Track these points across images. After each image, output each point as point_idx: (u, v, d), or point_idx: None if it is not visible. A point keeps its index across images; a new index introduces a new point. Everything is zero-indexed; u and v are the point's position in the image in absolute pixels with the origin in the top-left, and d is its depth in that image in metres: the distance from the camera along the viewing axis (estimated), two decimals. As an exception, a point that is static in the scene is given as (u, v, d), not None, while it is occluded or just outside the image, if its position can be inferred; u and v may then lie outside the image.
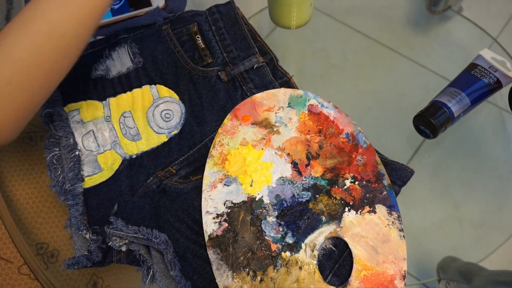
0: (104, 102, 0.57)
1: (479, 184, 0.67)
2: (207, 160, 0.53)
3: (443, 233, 0.65)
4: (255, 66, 0.58)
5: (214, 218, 0.50)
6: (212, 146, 0.54)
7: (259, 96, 0.56)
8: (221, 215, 0.50)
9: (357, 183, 0.51)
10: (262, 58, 0.59)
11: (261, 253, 0.48)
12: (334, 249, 0.49)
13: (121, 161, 0.54)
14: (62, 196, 0.52)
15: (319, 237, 0.49)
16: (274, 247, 0.48)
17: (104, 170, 0.54)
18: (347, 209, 0.50)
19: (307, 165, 0.52)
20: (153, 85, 0.58)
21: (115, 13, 0.62)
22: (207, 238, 0.49)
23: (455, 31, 0.80)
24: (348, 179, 0.52)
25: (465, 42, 0.78)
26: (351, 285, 0.47)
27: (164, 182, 0.52)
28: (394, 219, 0.50)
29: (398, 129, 0.70)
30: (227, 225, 0.49)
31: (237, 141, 0.54)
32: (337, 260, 0.48)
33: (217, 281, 0.47)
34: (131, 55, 0.60)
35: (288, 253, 0.48)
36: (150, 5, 0.63)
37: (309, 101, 0.56)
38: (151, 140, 0.55)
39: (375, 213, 0.50)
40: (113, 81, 0.59)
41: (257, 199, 0.50)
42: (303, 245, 0.48)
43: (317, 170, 0.52)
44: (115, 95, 0.58)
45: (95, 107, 0.57)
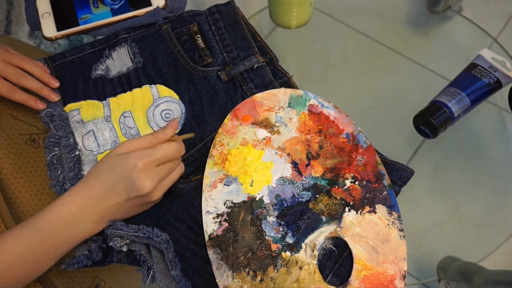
0: (104, 102, 0.57)
1: (479, 184, 0.67)
2: (207, 160, 0.53)
3: (443, 233, 0.65)
4: (255, 66, 0.58)
5: (214, 218, 0.50)
6: (212, 146, 0.54)
7: (259, 96, 0.56)
8: (221, 215, 0.50)
9: (357, 183, 0.51)
10: (262, 58, 0.59)
11: (261, 253, 0.48)
12: (334, 249, 0.49)
13: (121, 161, 0.54)
14: (62, 196, 0.52)
15: (319, 237, 0.49)
16: (274, 247, 0.48)
17: (104, 170, 0.54)
18: (347, 209, 0.50)
19: (307, 165, 0.52)
20: (153, 85, 0.58)
21: (115, 13, 0.62)
22: (207, 238, 0.49)
23: (455, 31, 0.80)
24: (348, 179, 0.52)
25: (465, 42, 0.78)
26: (351, 285, 0.47)
27: (164, 182, 0.52)
28: (394, 219, 0.50)
29: (398, 129, 0.70)
30: (227, 225, 0.49)
31: (237, 141, 0.54)
32: (337, 260, 0.48)
33: (217, 281, 0.47)
34: (131, 55, 0.60)
35: (288, 253, 0.48)
36: (150, 5, 0.63)
37: (309, 101, 0.56)
38: (151, 140, 0.55)
39: (375, 213, 0.50)
40: (113, 81, 0.59)
41: (257, 199, 0.51)
42: (303, 245, 0.48)
43: (317, 170, 0.52)
44: (115, 95, 0.58)
45: (95, 107, 0.57)
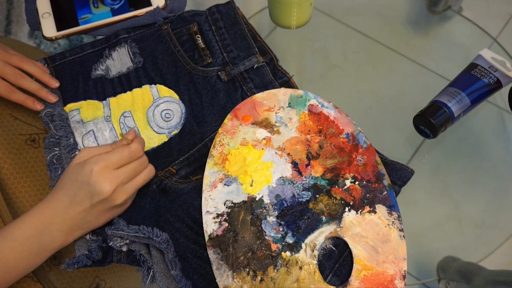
0: (104, 102, 0.57)
1: (479, 184, 0.67)
2: (207, 160, 0.53)
3: (443, 233, 0.65)
4: (255, 66, 0.58)
5: (214, 218, 0.50)
6: (212, 146, 0.54)
7: (259, 96, 0.56)
8: (221, 215, 0.50)
9: (357, 183, 0.51)
10: (262, 58, 0.59)
11: (261, 253, 0.48)
12: (334, 249, 0.49)
13: (121, 161, 0.54)
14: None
15: (319, 237, 0.49)
16: (274, 247, 0.48)
17: (104, 170, 0.54)
18: (347, 209, 0.50)
19: (307, 165, 0.52)
20: (153, 85, 0.58)
21: (115, 13, 0.62)
22: (207, 238, 0.49)
23: (455, 31, 0.80)
24: (348, 179, 0.52)
25: (465, 42, 0.78)
26: (351, 285, 0.47)
27: (164, 182, 0.52)
28: (394, 219, 0.50)
29: (398, 129, 0.70)
30: (227, 225, 0.49)
31: (237, 141, 0.54)
32: (337, 260, 0.48)
33: (217, 281, 0.47)
34: (131, 55, 0.60)
35: (288, 253, 0.48)
36: (150, 5, 0.63)
37: (309, 101, 0.56)
38: (151, 140, 0.56)
39: (375, 213, 0.50)
40: (113, 81, 0.59)
41: (257, 199, 0.51)
42: (303, 245, 0.48)
43: (317, 170, 0.52)
44: (115, 95, 0.58)
45: (95, 107, 0.57)
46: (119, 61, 0.60)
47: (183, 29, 0.62)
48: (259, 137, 0.54)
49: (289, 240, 0.48)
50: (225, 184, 0.51)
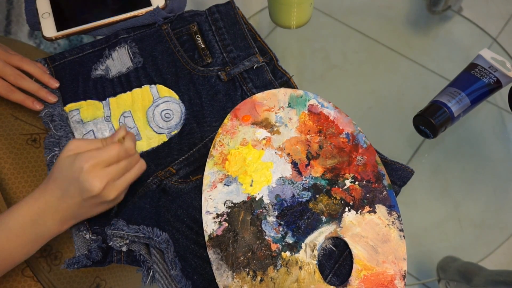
0: (104, 102, 0.57)
1: (479, 184, 0.67)
2: (207, 160, 0.53)
3: (443, 233, 0.65)
4: (255, 66, 0.58)
5: (214, 218, 0.50)
6: (212, 146, 0.54)
7: (259, 96, 0.56)
8: (221, 215, 0.50)
9: (357, 183, 0.51)
10: (262, 58, 0.59)
11: (261, 253, 0.48)
12: (334, 249, 0.49)
13: (121, 161, 0.54)
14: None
15: (319, 237, 0.49)
16: (274, 247, 0.48)
17: (104, 170, 0.54)
18: (347, 209, 0.50)
19: (307, 165, 0.52)
20: (153, 85, 0.58)
21: (115, 13, 0.62)
22: (207, 238, 0.49)
23: (455, 31, 0.80)
24: (348, 179, 0.52)
25: (465, 42, 0.78)
26: (351, 285, 0.47)
27: (164, 182, 0.52)
28: (394, 219, 0.50)
29: (398, 129, 0.70)
30: (227, 225, 0.49)
31: (237, 141, 0.54)
32: (337, 260, 0.48)
33: (217, 281, 0.47)
34: (131, 55, 0.60)
35: (288, 253, 0.48)
36: (150, 5, 0.63)
37: (309, 101, 0.56)
38: (151, 140, 0.56)
39: (375, 213, 0.50)
40: (113, 81, 0.59)
41: (257, 199, 0.51)
42: (303, 245, 0.48)
43: (317, 170, 0.52)
44: (115, 95, 0.58)
45: (95, 107, 0.57)
46: (119, 61, 0.60)
47: (183, 29, 0.62)
48: (259, 137, 0.54)
49: (289, 240, 0.48)
50: (225, 184, 0.51)
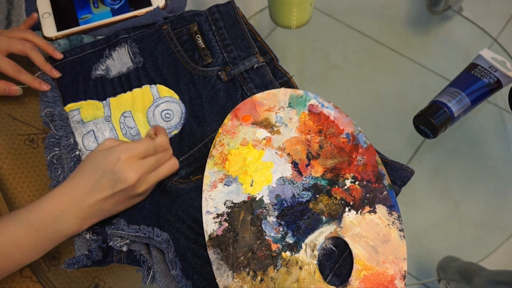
0: (104, 102, 0.57)
1: (479, 184, 0.67)
2: (208, 160, 0.53)
3: (443, 233, 0.65)
4: (255, 66, 0.58)
5: (214, 218, 0.50)
6: (212, 146, 0.54)
7: (259, 96, 0.56)
8: (222, 215, 0.50)
9: (357, 183, 0.51)
10: (262, 58, 0.59)
11: (261, 253, 0.48)
12: (334, 249, 0.49)
13: (121, 161, 0.54)
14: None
15: (319, 237, 0.49)
16: (274, 247, 0.48)
17: (104, 170, 0.54)
18: (347, 209, 0.50)
19: (307, 165, 0.52)
20: (153, 85, 0.58)
21: (115, 13, 0.62)
22: (207, 238, 0.49)
23: (455, 31, 0.80)
24: (348, 179, 0.52)
25: (465, 42, 0.78)
26: (351, 285, 0.47)
27: (164, 182, 0.52)
28: (394, 219, 0.50)
29: (398, 129, 0.70)
30: (227, 225, 0.49)
31: (237, 141, 0.54)
32: (337, 260, 0.48)
33: (217, 281, 0.47)
34: (131, 55, 0.60)
35: (288, 253, 0.48)
36: (150, 5, 0.63)
37: (309, 101, 0.56)
38: (151, 140, 0.56)
39: (375, 213, 0.50)
40: (113, 81, 0.59)
41: (257, 199, 0.51)
42: (304, 245, 0.48)
43: (317, 170, 0.52)
44: (115, 95, 0.58)
45: (96, 107, 0.57)
46: (119, 61, 0.60)
47: (183, 29, 0.62)
48: (259, 137, 0.54)
49: (289, 240, 0.48)
50: (225, 184, 0.51)
